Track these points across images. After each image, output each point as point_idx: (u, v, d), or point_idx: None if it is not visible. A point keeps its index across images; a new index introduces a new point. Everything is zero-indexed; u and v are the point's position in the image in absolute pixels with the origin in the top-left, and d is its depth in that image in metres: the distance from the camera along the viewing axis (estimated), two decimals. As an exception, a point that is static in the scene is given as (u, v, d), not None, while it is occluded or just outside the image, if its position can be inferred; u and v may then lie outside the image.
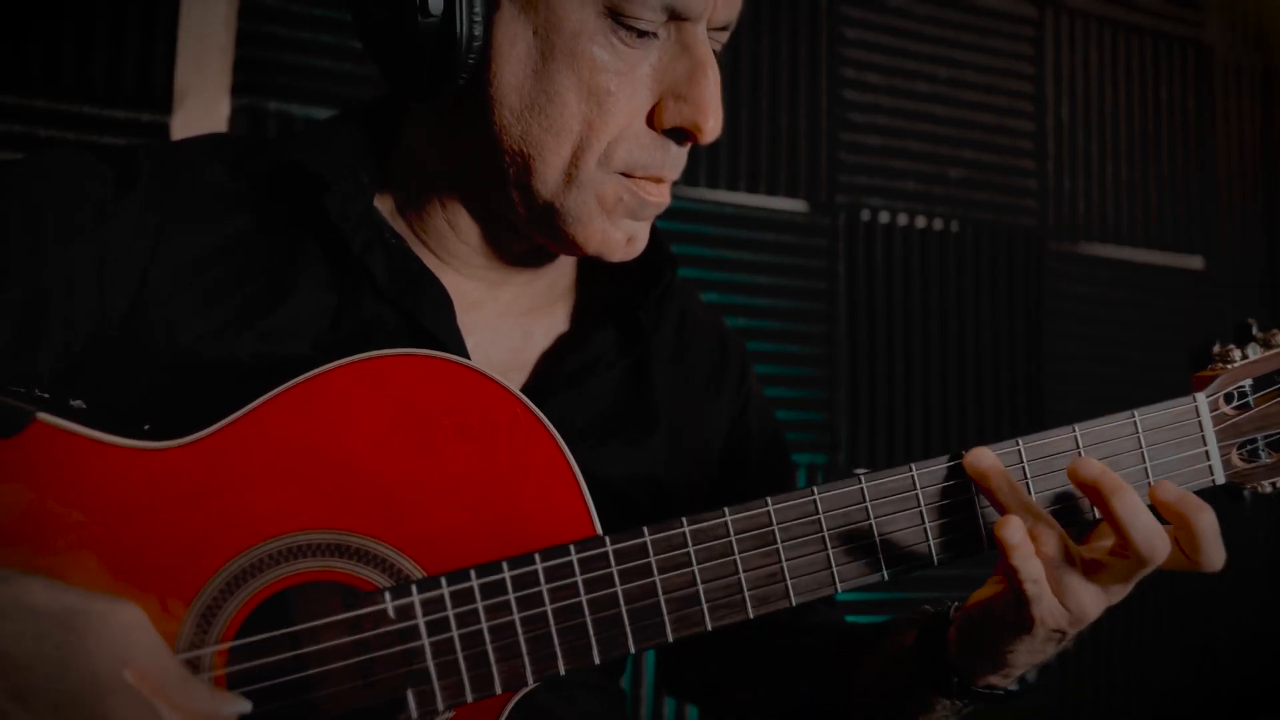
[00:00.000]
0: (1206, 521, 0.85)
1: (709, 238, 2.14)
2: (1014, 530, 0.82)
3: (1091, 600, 0.85)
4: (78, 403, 0.83)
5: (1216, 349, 0.98)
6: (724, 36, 0.95)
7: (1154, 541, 0.82)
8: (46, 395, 0.82)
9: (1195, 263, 2.66)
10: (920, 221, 2.34)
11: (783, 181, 2.22)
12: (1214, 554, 0.85)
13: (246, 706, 0.75)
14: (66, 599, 0.71)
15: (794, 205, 2.23)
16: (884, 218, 2.31)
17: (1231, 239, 2.72)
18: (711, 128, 0.90)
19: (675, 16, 0.88)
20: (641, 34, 0.87)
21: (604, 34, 0.87)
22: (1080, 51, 2.56)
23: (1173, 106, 2.67)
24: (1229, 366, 0.96)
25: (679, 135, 0.92)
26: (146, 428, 0.80)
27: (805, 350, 2.22)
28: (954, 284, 2.36)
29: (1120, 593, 0.86)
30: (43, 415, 0.76)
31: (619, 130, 0.90)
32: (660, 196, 0.95)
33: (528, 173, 0.91)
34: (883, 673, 1.02)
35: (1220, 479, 0.95)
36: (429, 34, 0.86)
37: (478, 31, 0.87)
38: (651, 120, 0.91)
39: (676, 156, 0.94)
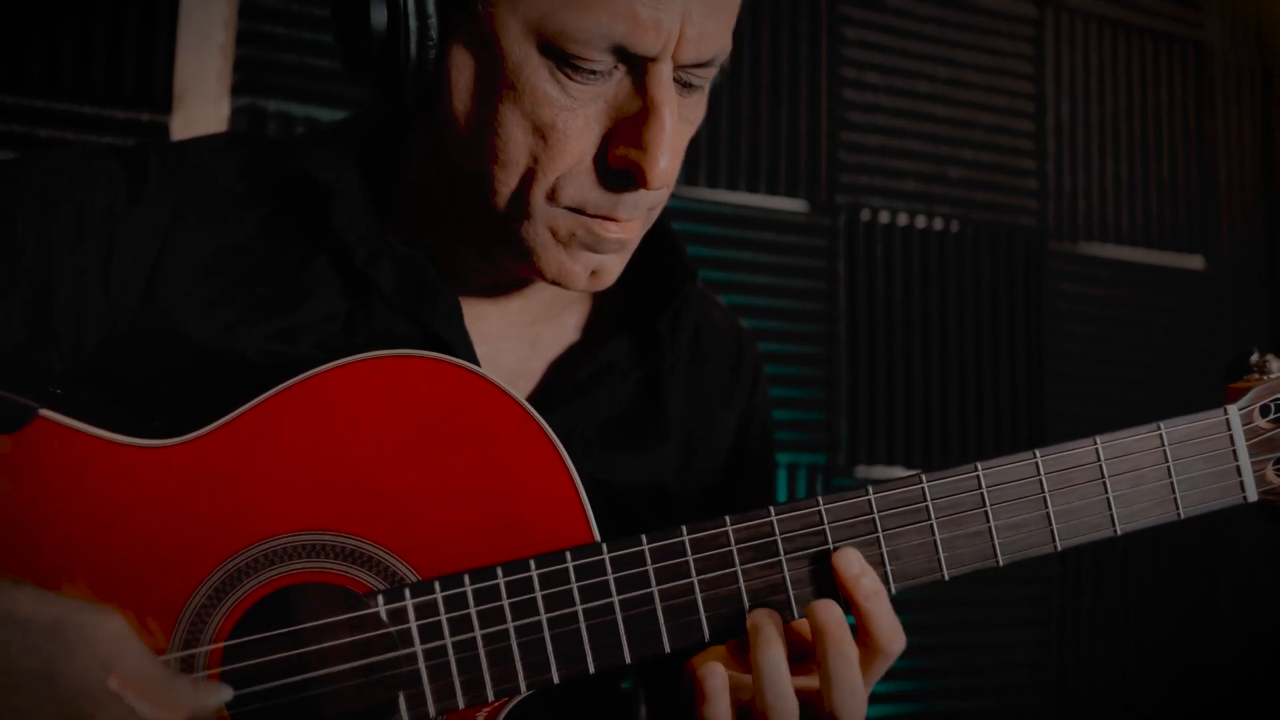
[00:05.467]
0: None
1: (709, 238, 2.14)
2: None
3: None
4: (88, 398, 0.83)
5: (1254, 359, 0.92)
6: (708, 73, 0.88)
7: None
8: (59, 391, 0.82)
9: (1195, 263, 2.66)
10: (920, 221, 2.33)
11: (783, 181, 2.22)
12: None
13: (228, 695, 0.76)
14: (53, 609, 0.71)
15: (794, 205, 2.23)
16: (884, 218, 2.30)
17: (1231, 239, 2.71)
18: (659, 174, 0.84)
19: (627, 57, 0.82)
20: (591, 72, 0.83)
21: (548, 69, 0.83)
22: (1080, 51, 2.55)
23: (1173, 106, 2.66)
24: (1266, 378, 0.90)
25: (625, 177, 0.86)
26: (157, 424, 0.80)
27: (805, 350, 2.22)
28: (954, 284, 2.35)
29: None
30: (45, 411, 0.76)
31: (569, 165, 0.86)
32: (621, 233, 0.90)
33: (482, 199, 0.89)
34: None
35: (1253, 496, 0.90)
36: (378, 50, 0.85)
37: (431, 55, 0.85)
38: (604, 158, 0.86)
39: (632, 199, 0.88)
